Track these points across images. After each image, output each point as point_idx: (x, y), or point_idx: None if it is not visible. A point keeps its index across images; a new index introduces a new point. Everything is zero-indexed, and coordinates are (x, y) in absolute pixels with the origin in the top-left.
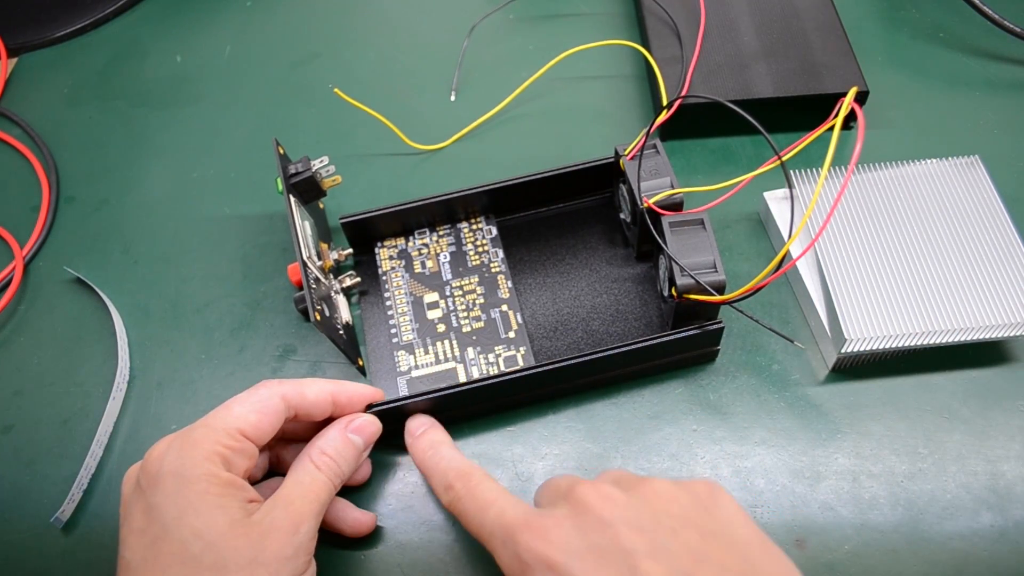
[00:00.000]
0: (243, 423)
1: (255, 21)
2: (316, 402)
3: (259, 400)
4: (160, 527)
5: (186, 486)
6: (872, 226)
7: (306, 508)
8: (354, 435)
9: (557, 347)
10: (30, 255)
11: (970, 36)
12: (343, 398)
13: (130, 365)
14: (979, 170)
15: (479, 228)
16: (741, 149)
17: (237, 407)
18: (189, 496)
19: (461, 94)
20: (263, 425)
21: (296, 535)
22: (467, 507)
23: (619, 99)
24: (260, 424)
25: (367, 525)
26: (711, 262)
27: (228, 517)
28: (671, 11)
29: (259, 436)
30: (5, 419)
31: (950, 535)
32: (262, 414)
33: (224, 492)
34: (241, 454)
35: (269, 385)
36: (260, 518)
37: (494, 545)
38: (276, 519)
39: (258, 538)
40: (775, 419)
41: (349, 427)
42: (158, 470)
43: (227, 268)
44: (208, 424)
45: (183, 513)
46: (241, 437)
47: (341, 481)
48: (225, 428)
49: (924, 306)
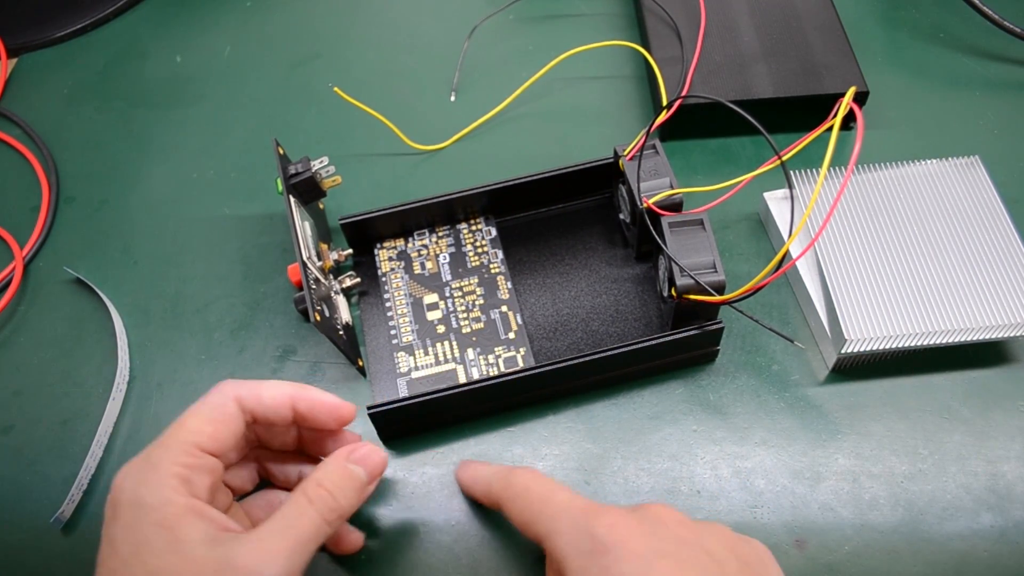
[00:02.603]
0: (199, 437)
1: (255, 21)
2: (273, 406)
3: (212, 408)
4: (119, 562)
5: (143, 517)
6: (872, 226)
7: (281, 545)
8: (355, 466)
9: (557, 348)
10: (30, 255)
11: (970, 36)
12: (303, 406)
13: (130, 365)
14: (979, 170)
15: (479, 229)
16: (741, 149)
17: (190, 420)
18: (145, 530)
19: (461, 94)
20: (220, 435)
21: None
22: (532, 489)
23: (619, 99)
24: (217, 435)
25: (353, 544)
26: (711, 262)
27: (185, 554)
28: (671, 11)
29: (219, 447)
30: (5, 419)
31: (950, 535)
32: (217, 423)
33: (181, 523)
34: (201, 471)
35: (223, 388)
36: (224, 553)
37: (559, 525)
38: (242, 556)
39: (238, 571)
40: (775, 419)
41: (350, 457)
42: (118, 499)
43: (227, 268)
44: (164, 443)
45: (139, 550)
46: (199, 452)
47: (338, 516)
48: (181, 445)
49: (924, 306)
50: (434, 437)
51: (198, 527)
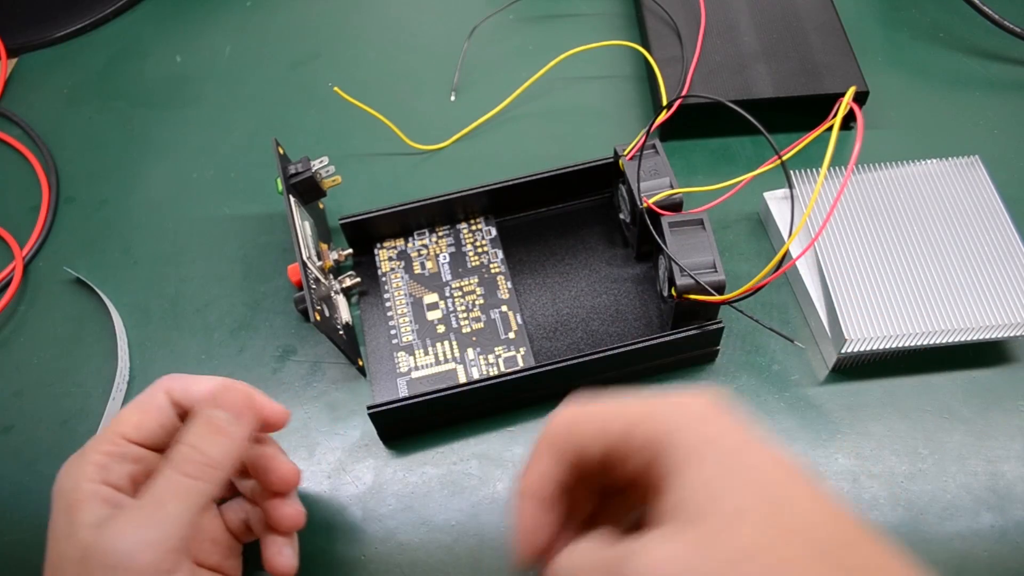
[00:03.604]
0: (124, 426)
1: (255, 21)
2: (199, 399)
3: (142, 399)
4: (50, 550)
5: (58, 503)
6: (872, 226)
7: (152, 520)
8: (214, 410)
9: (557, 347)
10: (30, 255)
11: (970, 36)
12: (227, 396)
13: (130, 365)
14: (979, 170)
15: (478, 229)
16: (741, 149)
17: (123, 411)
18: (56, 517)
19: (461, 94)
20: (145, 424)
21: (140, 542)
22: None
23: (619, 99)
24: (142, 424)
25: (291, 521)
26: (711, 262)
27: (74, 538)
28: (671, 11)
29: (143, 436)
30: (5, 419)
31: (950, 535)
32: (143, 412)
33: (80, 507)
34: (121, 459)
35: (158, 381)
36: (100, 536)
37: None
38: (111, 538)
39: (98, 554)
40: (775, 419)
41: (206, 407)
42: (55, 490)
43: (227, 268)
44: (98, 434)
45: (51, 535)
46: (122, 441)
47: (212, 469)
48: (107, 435)
49: (924, 306)
50: (434, 437)
51: (94, 512)
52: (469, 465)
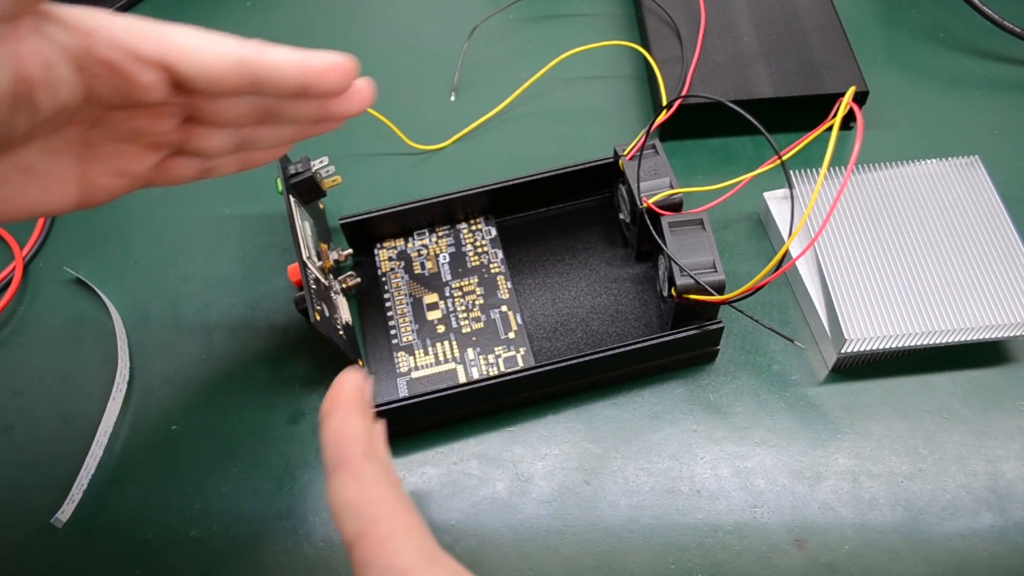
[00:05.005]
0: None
1: (255, 21)
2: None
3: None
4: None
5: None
6: (872, 226)
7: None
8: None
9: (557, 347)
10: (30, 255)
11: (970, 36)
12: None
13: (130, 365)
14: (979, 170)
15: (478, 229)
16: (741, 149)
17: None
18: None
19: (461, 94)
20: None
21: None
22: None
23: (619, 99)
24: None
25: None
26: (711, 262)
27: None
28: (671, 11)
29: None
30: (5, 419)
31: (950, 535)
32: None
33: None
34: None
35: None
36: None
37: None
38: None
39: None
40: (775, 419)
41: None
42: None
43: (227, 268)
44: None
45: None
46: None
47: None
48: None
49: (924, 306)
50: (434, 437)
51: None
52: (469, 465)
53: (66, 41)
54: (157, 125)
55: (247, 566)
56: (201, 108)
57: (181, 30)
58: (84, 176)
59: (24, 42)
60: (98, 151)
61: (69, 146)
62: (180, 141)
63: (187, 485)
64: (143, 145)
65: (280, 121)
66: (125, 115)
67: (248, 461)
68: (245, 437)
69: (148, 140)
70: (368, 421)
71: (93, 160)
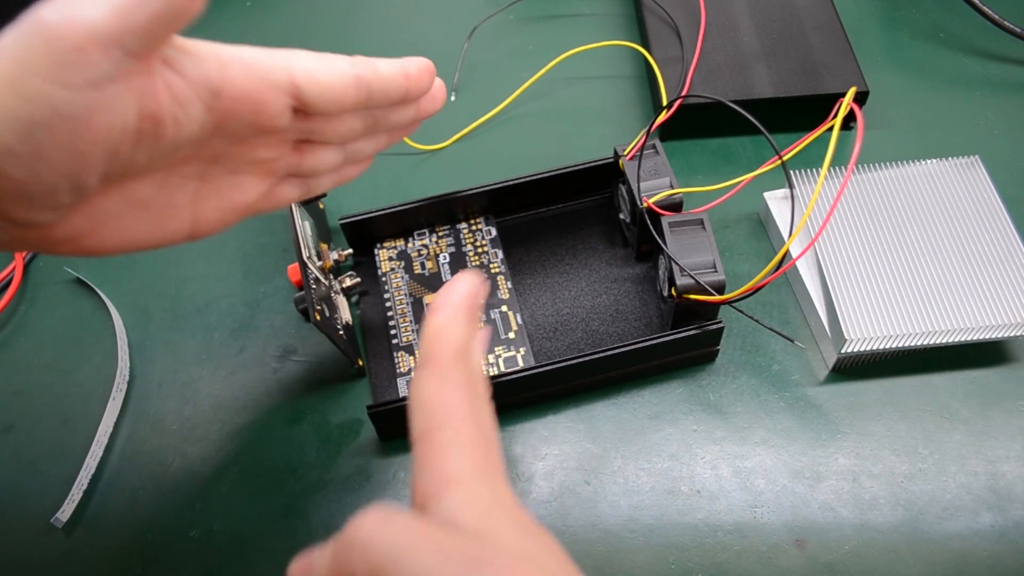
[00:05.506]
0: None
1: (255, 21)
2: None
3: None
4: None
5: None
6: (872, 226)
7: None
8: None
9: (557, 347)
10: (30, 255)
11: (970, 36)
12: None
13: (130, 365)
14: (979, 170)
15: (479, 229)
16: (741, 149)
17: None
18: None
19: (461, 94)
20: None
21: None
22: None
23: (619, 99)
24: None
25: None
26: (711, 262)
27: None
28: (671, 11)
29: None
30: (5, 419)
31: (950, 535)
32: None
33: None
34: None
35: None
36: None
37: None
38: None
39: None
40: (775, 419)
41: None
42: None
43: (227, 268)
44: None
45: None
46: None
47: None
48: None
49: (924, 306)
50: None
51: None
52: None
53: (201, 75)
54: (274, 152)
55: (247, 566)
56: (316, 128)
57: (302, 54)
58: (197, 211)
59: (155, 78)
60: (214, 185)
61: (186, 182)
62: (293, 165)
63: (187, 485)
64: (257, 174)
65: (379, 130)
66: (244, 147)
67: (248, 461)
68: (245, 437)
69: (264, 169)
70: (470, 327)
71: (208, 195)
